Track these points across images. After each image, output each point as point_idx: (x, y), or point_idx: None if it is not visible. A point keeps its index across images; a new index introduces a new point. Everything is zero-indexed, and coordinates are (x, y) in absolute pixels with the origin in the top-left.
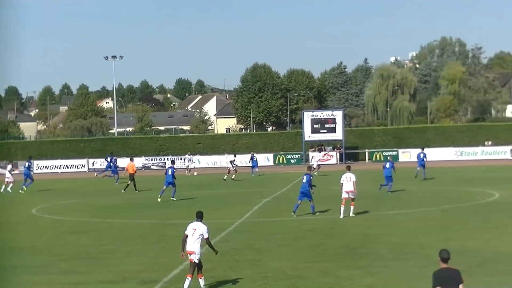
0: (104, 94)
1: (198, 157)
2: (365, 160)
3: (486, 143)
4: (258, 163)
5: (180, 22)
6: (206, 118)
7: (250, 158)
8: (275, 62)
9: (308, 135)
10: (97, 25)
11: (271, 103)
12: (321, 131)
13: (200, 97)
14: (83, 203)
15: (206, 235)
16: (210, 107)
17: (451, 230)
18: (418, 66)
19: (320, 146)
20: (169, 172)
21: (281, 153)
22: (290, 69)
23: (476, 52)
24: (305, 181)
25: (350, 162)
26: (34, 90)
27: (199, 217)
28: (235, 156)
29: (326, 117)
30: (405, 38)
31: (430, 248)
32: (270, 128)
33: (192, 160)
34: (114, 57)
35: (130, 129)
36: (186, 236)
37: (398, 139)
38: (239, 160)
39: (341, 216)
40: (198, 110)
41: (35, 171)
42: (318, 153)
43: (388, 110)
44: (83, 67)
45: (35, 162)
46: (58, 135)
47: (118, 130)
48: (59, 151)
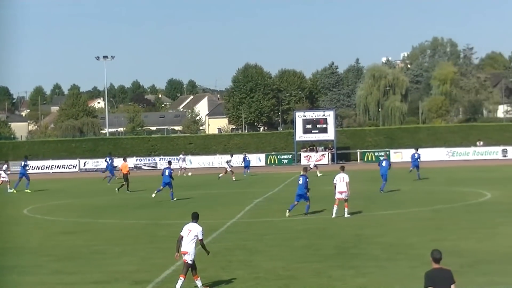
0: (95, 94)
1: (189, 157)
2: (356, 160)
3: (477, 144)
4: (250, 163)
5: (171, 23)
6: (198, 118)
7: (243, 158)
8: (267, 63)
9: (299, 136)
10: (88, 25)
11: (263, 104)
12: (312, 132)
13: (191, 97)
14: (75, 204)
15: (200, 237)
16: (202, 108)
17: (443, 230)
18: (409, 66)
19: (311, 146)
20: (166, 172)
21: (272, 153)
22: (281, 69)
23: (467, 52)
24: (301, 182)
25: (341, 162)
26: (25, 90)
27: (195, 218)
28: (232, 156)
29: (317, 117)
30: (396, 39)
31: (422, 248)
32: (262, 128)
33: (185, 160)
34: (105, 57)
35: (121, 129)
36: (182, 237)
37: (389, 140)
38: (233, 160)
39: (333, 215)
40: (189, 111)
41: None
42: (315, 153)
43: (379, 110)
44: (75, 67)
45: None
46: (50, 135)
47: (110, 130)
48: (51, 152)
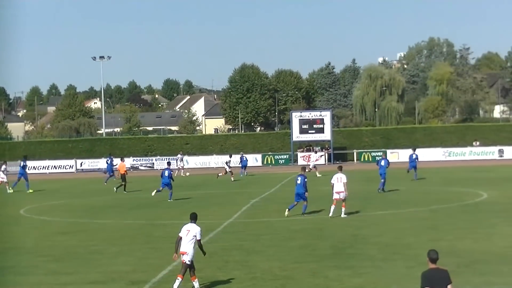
0: (92, 94)
1: (186, 157)
2: (353, 160)
3: (474, 144)
4: (247, 164)
5: (168, 23)
6: (194, 118)
7: (240, 158)
8: (263, 63)
9: (296, 136)
10: (85, 25)
11: (259, 104)
12: (309, 132)
13: (188, 97)
14: (72, 204)
15: (198, 237)
16: (198, 108)
17: (440, 230)
18: (406, 66)
19: (308, 146)
20: (165, 173)
21: (269, 153)
22: (278, 69)
23: (464, 52)
24: (299, 182)
25: (338, 162)
26: (21, 91)
27: (193, 218)
28: (231, 157)
29: (314, 117)
30: (393, 39)
31: (419, 248)
32: (259, 128)
33: (183, 160)
34: (102, 57)
35: (118, 129)
36: (180, 238)
37: (386, 140)
38: (232, 160)
39: (330, 214)
40: (186, 111)
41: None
42: (314, 153)
43: (376, 110)
44: (71, 68)
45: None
46: (46, 136)
47: (106, 130)
48: (47, 152)
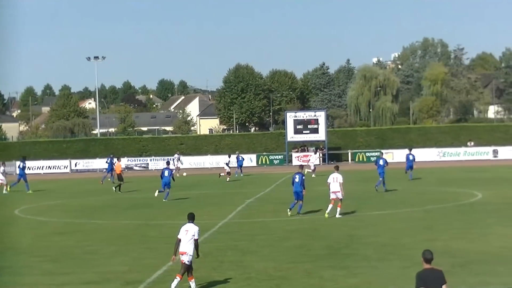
0: (86, 94)
1: (181, 157)
2: (348, 160)
3: (468, 144)
4: (243, 163)
5: (162, 23)
6: (189, 118)
7: (236, 158)
8: (258, 63)
9: (291, 136)
10: (79, 25)
11: (254, 104)
12: (304, 132)
13: (182, 97)
14: (67, 204)
15: (196, 236)
16: (193, 108)
17: (435, 230)
18: (400, 67)
19: (303, 147)
20: (165, 173)
21: (264, 153)
22: (272, 69)
23: (458, 53)
24: (298, 180)
25: (333, 163)
26: (16, 91)
27: (191, 218)
28: (230, 157)
29: (308, 117)
30: (387, 39)
31: (414, 248)
32: (253, 128)
33: (180, 160)
34: (96, 57)
35: (112, 129)
36: (179, 240)
37: (381, 140)
38: (231, 160)
39: (327, 210)
40: (180, 111)
41: (18, 172)
42: (313, 154)
43: (370, 110)
44: (65, 68)
45: (17, 163)
46: (41, 136)
47: (101, 131)
48: (42, 152)
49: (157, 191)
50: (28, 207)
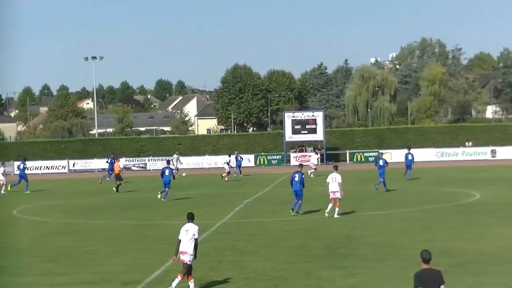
0: (84, 95)
1: (180, 157)
2: (346, 161)
3: (466, 144)
4: (241, 164)
5: (160, 23)
6: (187, 119)
7: (235, 158)
8: (256, 63)
9: (289, 136)
10: (77, 25)
11: (252, 104)
12: (302, 132)
13: (180, 98)
14: (65, 204)
15: (196, 236)
16: (191, 108)
17: (433, 230)
18: (398, 67)
19: (301, 147)
20: (166, 172)
21: (262, 154)
22: (270, 70)
23: (456, 53)
24: (297, 179)
25: (331, 163)
26: (13, 91)
27: (190, 218)
28: (230, 156)
29: (306, 118)
30: (385, 39)
31: (412, 248)
32: (251, 129)
33: (179, 160)
34: (94, 58)
35: (110, 130)
36: (180, 241)
37: (379, 140)
38: (232, 160)
39: (327, 209)
40: (178, 111)
41: (15, 172)
42: (314, 154)
43: (368, 111)
44: (63, 68)
45: (15, 163)
46: (38, 136)
47: (99, 131)
48: (40, 152)
49: (159, 193)
50: (26, 207)
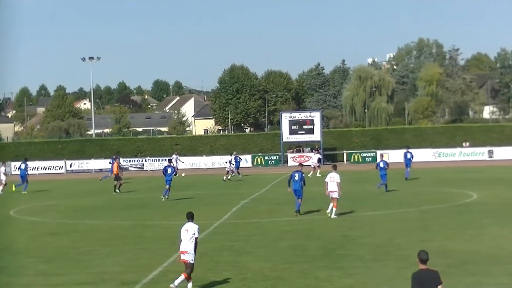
0: (81, 95)
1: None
2: (343, 161)
3: (464, 144)
4: (240, 164)
5: (157, 24)
6: (184, 119)
7: (233, 158)
8: (253, 64)
9: (286, 137)
10: (74, 26)
11: (249, 105)
12: (299, 132)
13: (177, 98)
14: (62, 205)
15: (197, 235)
16: (188, 109)
17: (430, 231)
18: (395, 67)
19: (298, 147)
20: (168, 170)
21: (259, 154)
22: (267, 70)
23: (453, 53)
24: (297, 178)
25: (328, 163)
26: (11, 91)
27: (190, 217)
28: (232, 155)
29: (304, 118)
30: (382, 40)
31: (409, 249)
32: (248, 129)
33: (179, 159)
34: (91, 58)
35: (107, 130)
36: (181, 240)
37: (376, 140)
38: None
39: (328, 210)
40: (176, 112)
41: (13, 173)
42: (314, 154)
43: (366, 111)
44: (60, 68)
45: (12, 163)
46: (36, 137)
47: (96, 131)
48: (37, 153)
49: (164, 197)
50: (23, 208)
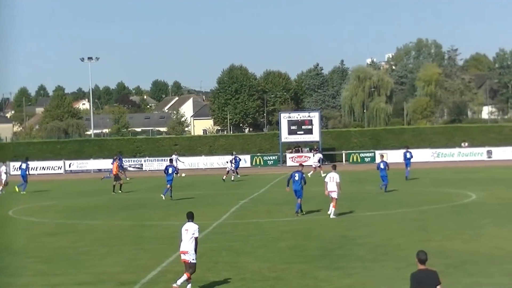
0: (80, 95)
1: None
2: (342, 161)
3: (462, 145)
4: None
5: (156, 24)
6: (183, 119)
7: (233, 158)
8: (252, 64)
9: (285, 137)
10: (73, 26)
11: (248, 105)
12: (298, 133)
13: (176, 98)
14: (61, 205)
15: (196, 234)
16: (187, 109)
17: (429, 231)
18: (394, 67)
19: (297, 147)
20: (169, 170)
21: (258, 154)
22: (266, 70)
23: (452, 53)
24: (297, 179)
25: (326, 163)
26: (9, 91)
27: (190, 217)
28: (233, 155)
29: (303, 118)
30: (381, 40)
31: (408, 249)
32: (247, 129)
33: (179, 160)
34: (90, 58)
35: (106, 130)
36: (182, 240)
37: (375, 141)
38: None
39: (329, 211)
40: (174, 112)
41: (11, 173)
42: (319, 154)
43: (364, 111)
44: (59, 69)
45: (11, 164)
46: (34, 137)
47: (95, 131)
48: (36, 153)
49: (169, 196)
50: (22, 208)
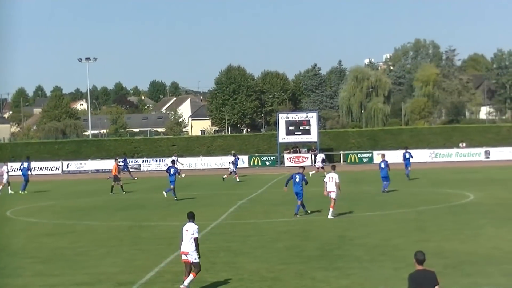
0: (78, 96)
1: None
2: (340, 162)
3: (460, 145)
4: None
5: (154, 24)
6: (181, 120)
7: (235, 159)
8: (250, 64)
9: (283, 137)
10: (71, 26)
11: (246, 105)
12: (295, 133)
13: (174, 99)
14: (58, 205)
15: (196, 235)
16: (185, 109)
17: (427, 231)
18: (392, 68)
19: (295, 148)
20: (171, 171)
21: (256, 155)
22: (264, 71)
23: (449, 54)
24: (298, 180)
25: (325, 164)
26: (7, 92)
27: (191, 217)
28: (235, 156)
29: (300, 119)
30: (379, 40)
31: (406, 249)
32: (245, 130)
33: (178, 161)
34: (88, 59)
35: (104, 131)
36: (182, 241)
37: (373, 141)
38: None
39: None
40: (172, 112)
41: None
42: (321, 154)
43: (362, 112)
44: (57, 69)
45: (9, 164)
46: (32, 137)
47: (93, 132)
48: (33, 153)
49: (174, 197)
50: (20, 208)
